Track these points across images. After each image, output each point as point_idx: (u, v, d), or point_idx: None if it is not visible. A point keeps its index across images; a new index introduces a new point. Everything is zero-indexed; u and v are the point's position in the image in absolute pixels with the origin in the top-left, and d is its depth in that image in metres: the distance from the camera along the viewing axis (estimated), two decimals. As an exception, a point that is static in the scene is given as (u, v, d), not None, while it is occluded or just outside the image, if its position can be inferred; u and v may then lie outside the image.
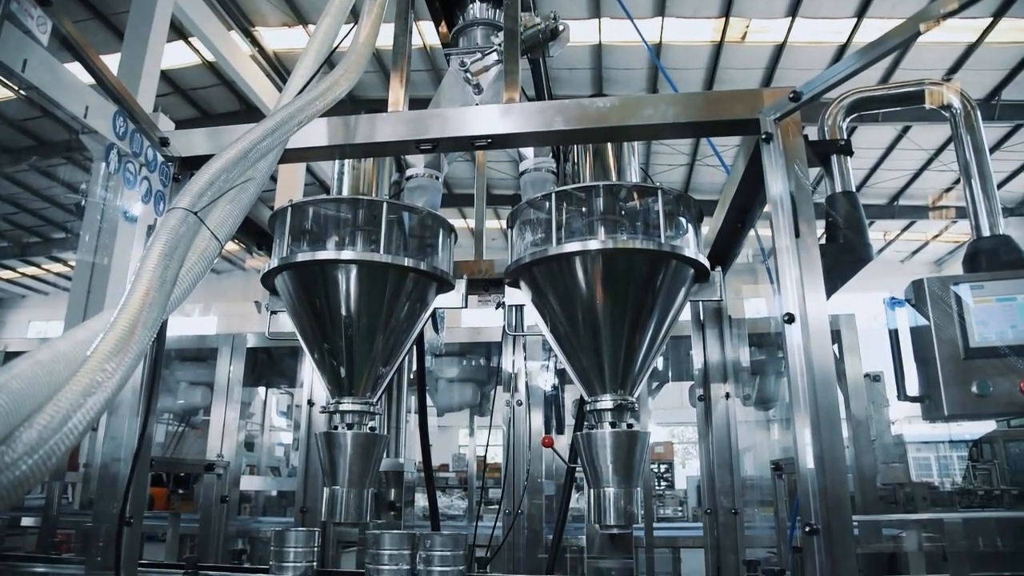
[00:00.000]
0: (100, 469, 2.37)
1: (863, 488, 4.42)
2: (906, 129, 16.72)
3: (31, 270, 25.78)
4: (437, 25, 3.75)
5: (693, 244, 2.46)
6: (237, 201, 1.97)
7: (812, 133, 2.38)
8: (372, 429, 2.52)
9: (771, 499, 4.27)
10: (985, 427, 11.09)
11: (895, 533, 3.81)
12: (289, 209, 2.57)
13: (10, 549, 3.59)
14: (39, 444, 1.11)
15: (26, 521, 5.98)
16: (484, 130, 2.42)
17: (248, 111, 15.57)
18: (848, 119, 2.56)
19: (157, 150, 2.56)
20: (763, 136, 2.19)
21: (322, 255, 2.45)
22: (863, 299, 6.08)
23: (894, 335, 2.33)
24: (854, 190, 2.48)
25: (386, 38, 2.74)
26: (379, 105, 2.73)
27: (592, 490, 2.32)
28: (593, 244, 2.30)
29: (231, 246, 2.25)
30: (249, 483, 7.53)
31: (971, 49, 13.75)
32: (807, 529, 1.83)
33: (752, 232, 2.90)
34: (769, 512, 4.34)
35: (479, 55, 3.17)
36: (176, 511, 6.07)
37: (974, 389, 2.09)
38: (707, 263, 2.47)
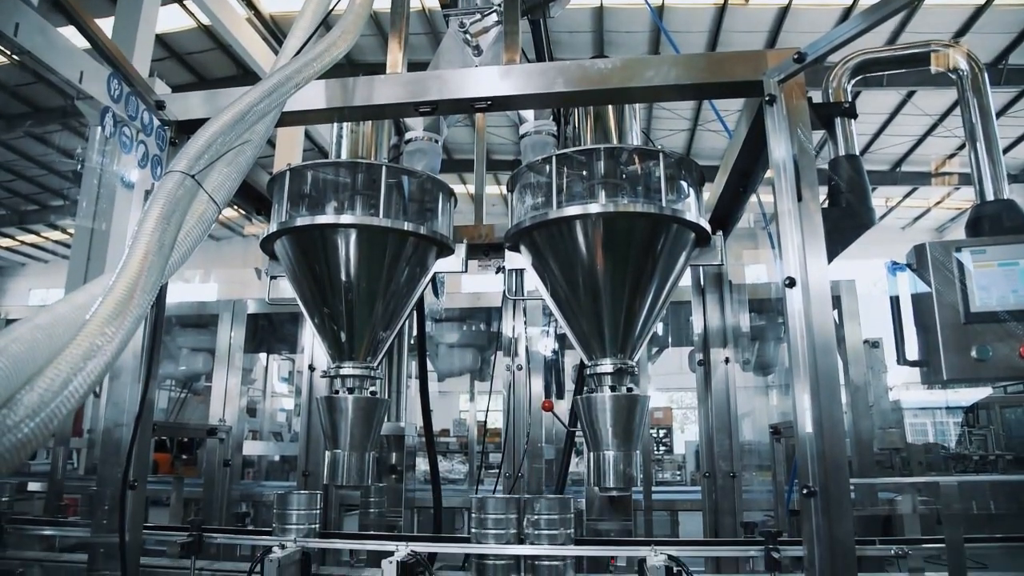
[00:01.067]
0: (103, 434, 2.38)
1: (860, 452, 4.45)
2: (910, 94, 16.51)
3: (30, 238, 25.71)
4: (436, -14, 3.68)
5: (694, 208, 2.44)
6: (235, 164, 1.95)
7: (816, 97, 2.34)
8: (373, 393, 2.54)
9: (769, 463, 4.31)
10: (981, 392, 11.15)
11: (891, 496, 3.86)
12: (288, 173, 2.55)
13: (18, 513, 3.64)
14: (40, 407, 1.11)
15: (33, 486, 6.05)
16: (484, 92, 2.39)
17: (245, 75, 15.32)
18: (853, 81, 2.52)
19: (153, 114, 2.53)
20: (766, 98, 2.16)
21: (321, 219, 2.43)
22: (863, 265, 6.08)
23: (895, 300, 2.32)
24: (857, 154, 2.45)
25: (384, -1, 2.69)
26: (377, 69, 2.68)
27: (592, 453, 2.34)
28: (594, 208, 2.28)
29: (230, 212, 2.24)
30: (252, 448, 7.58)
31: (979, 11, 13.50)
32: (805, 491, 1.85)
33: (753, 197, 2.88)
34: (767, 476, 4.38)
35: (479, 16, 3.12)
36: (180, 475, 6.15)
37: (973, 354, 2.08)
38: (708, 227, 2.46)
